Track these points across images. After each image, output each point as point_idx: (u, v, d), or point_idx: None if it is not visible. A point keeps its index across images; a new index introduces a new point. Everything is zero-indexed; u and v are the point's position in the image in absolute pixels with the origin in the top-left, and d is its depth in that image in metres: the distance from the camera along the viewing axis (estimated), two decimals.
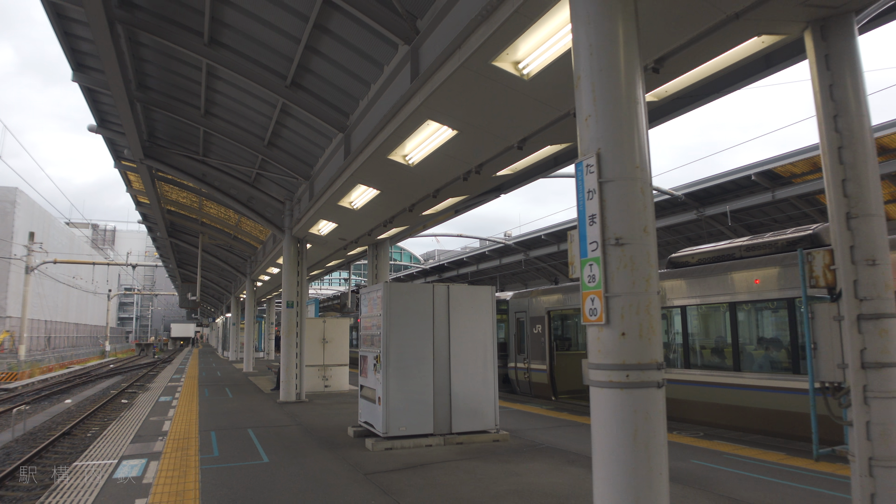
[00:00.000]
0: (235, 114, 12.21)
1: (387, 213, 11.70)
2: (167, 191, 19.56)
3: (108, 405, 23.88)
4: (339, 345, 17.15)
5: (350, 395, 16.24)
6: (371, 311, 10.05)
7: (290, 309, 15.00)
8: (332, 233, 14.06)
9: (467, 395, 9.73)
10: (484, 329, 10.01)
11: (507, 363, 17.75)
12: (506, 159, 8.51)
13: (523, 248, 30.58)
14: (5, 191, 46.14)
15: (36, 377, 37.31)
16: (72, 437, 17.81)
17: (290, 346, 14.94)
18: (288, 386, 14.82)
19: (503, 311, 18.23)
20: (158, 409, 13.73)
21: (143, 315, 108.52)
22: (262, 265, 21.65)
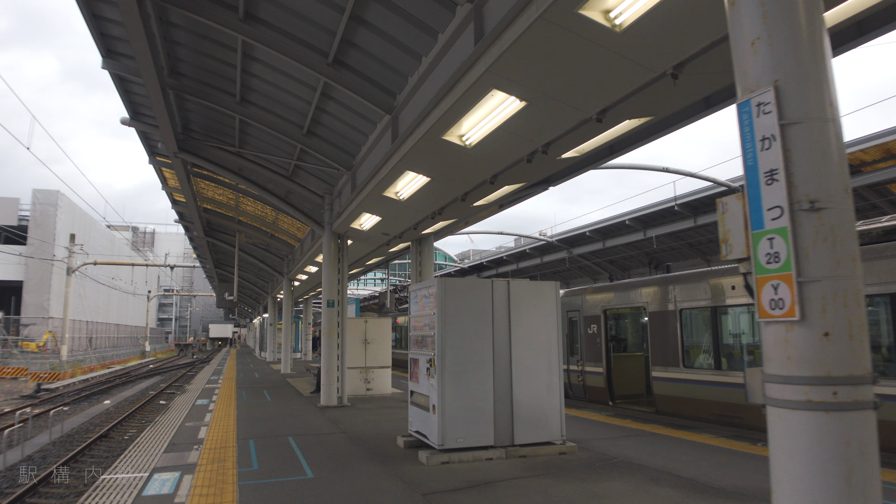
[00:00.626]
0: (272, 100, 11.36)
1: (436, 204, 10.71)
2: (203, 188, 18.91)
3: (147, 406, 23.44)
4: (381, 346, 16.25)
5: (393, 400, 15.31)
6: (422, 310, 9.07)
7: (330, 308, 14.14)
8: (375, 227, 13.13)
9: (531, 403, 8.69)
10: (548, 328, 8.96)
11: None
12: (578, 136, 7.45)
13: (566, 245, 29.37)
14: (47, 194, 46.51)
15: (77, 377, 37.34)
16: (108, 439, 17.29)
17: (331, 347, 14.07)
18: (329, 389, 13.94)
19: None
20: (195, 414, 12.97)
21: (182, 316, 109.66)
22: (300, 264, 20.88)
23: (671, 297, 12.67)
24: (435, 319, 8.41)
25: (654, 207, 23.93)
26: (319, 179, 14.27)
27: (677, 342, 12.47)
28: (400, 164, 9.11)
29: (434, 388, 8.28)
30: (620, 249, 27.94)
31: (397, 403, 14.56)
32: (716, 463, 7.97)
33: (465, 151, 8.16)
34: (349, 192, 12.39)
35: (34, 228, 45.74)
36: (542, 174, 9.25)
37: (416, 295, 9.42)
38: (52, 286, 45.94)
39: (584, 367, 15.19)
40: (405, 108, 8.86)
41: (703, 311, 12.07)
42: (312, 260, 19.30)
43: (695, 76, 5.82)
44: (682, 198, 22.49)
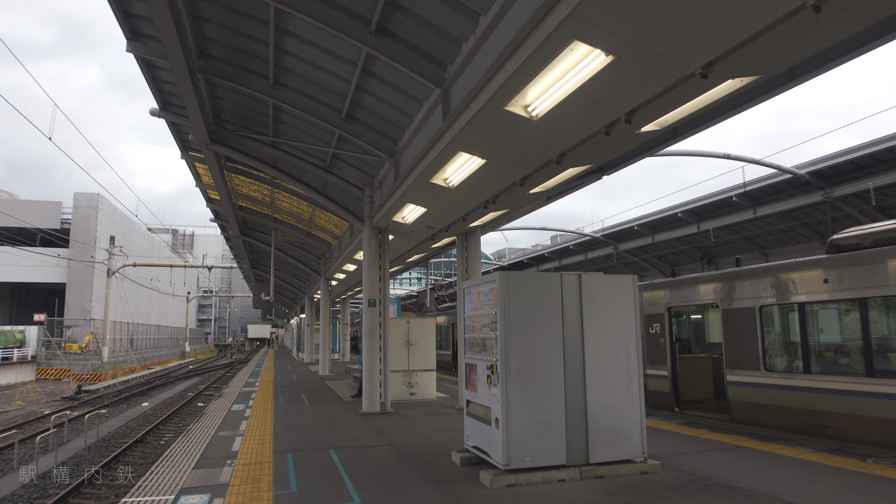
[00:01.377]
0: (308, 81, 10.34)
1: (490, 191, 9.54)
2: (237, 184, 18.08)
3: (184, 409, 22.82)
4: (424, 347, 15.14)
5: (439, 405, 14.19)
6: (479, 309, 7.92)
7: (371, 308, 13.09)
8: (420, 220, 12.03)
9: (607, 415, 7.47)
10: (625, 329, 7.72)
11: None
12: (669, 101, 6.20)
13: (612, 240, 27.94)
14: (88, 197, 46.69)
15: (118, 378, 37.19)
16: (144, 444, 16.63)
17: (373, 349, 13.02)
18: (371, 395, 12.90)
19: None
20: (230, 421, 12.04)
21: (221, 317, 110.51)
22: (338, 262, 19.93)
23: (751, 292, 11.28)
24: (496, 319, 7.25)
25: (709, 198, 22.38)
26: (358, 170, 13.23)
27: (758, 343, 11.08)
28: (452, 145, 7.97)
29: (496, 399, 7.12)
30: (670, 244, 26.40)
31: (444, 410, 13.44)
32: (832, 486, 6.64)
33: (529, 125, 6.98)
34: (391, 181, 11.30)
35: (76, 231, 45.95)
36: (616, 151, 7.97)
37: (471, 292, 8.28)
38: (94, 288, 46.09)
39: (645, 370, 13.84)
40: (458, 80, 7.72)
41: (791, 309, 10.67)
42: (351, 258, 18.31)
43: (839, 12, 4.55)
44: (742, 187, 20.91)
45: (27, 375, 37.47)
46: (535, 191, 10.07)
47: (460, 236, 14.01)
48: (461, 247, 14.03)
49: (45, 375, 38.38)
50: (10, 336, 38.74)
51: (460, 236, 14.01)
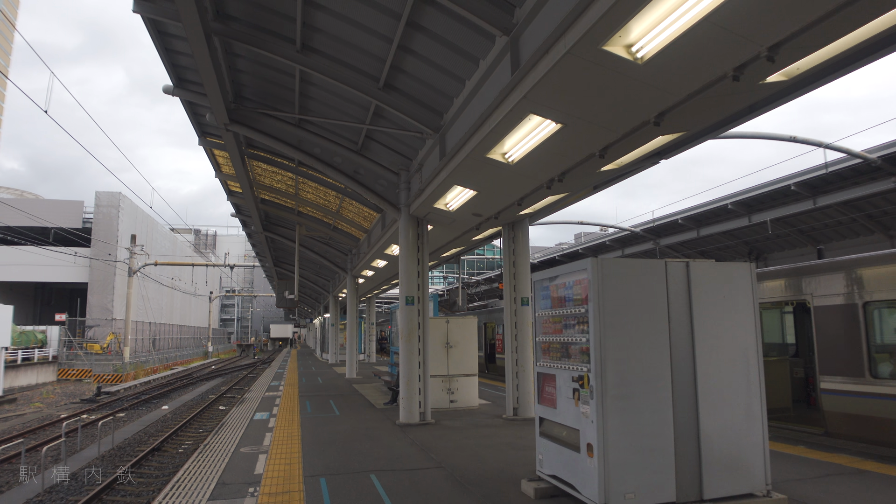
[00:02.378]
0: (342, 42, 8.83)
1: (559, 166, 7.96)
2: (259, 174, 16.67)
3: (205, 412, 21.55)
4: (465, 350, 13.60)
5: (484, 415, 12.63)
6: (559, 306, 6.36)
7: (409, 307, 11.57)
8: (467, 206, 10.48)
9: (724, 438, 5.87)
10: (743, 330, 6.11)
11: None
12: (821, 32, 4.61)
13: (652, 235, 26.17)
14: (109, 196, 45.83)
15: (140, 379, 36.13)
16: (161, 453, 15.32)
17: (411, 353, 11.50)
18: (410, 403, 11.38)
19: None
20: (252, 434, 10.59)
21: (243, 316, 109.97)
22: (366, 258, 18.44)
23: (853, 286, 9.59)
24: (587, 318, 5.69)
25: (763, 188, 20.56)
26: (394, 152, 11.73)
27: (861, 345, 9.39)
28: (521, 106, 6.41)
29: (589, 420, 5.55)
30: (717, 239, 24.58)
31: (490, 420, 11.88)
32: None
33: (631, 71, 5.40)
34: (435, 161, 9.77)
35: (97, 230, 45.09)
36: (738, 105, 6.28)
37: (545, 286, 6.71)
38: (116, 287, 45.20)
39: None
40: (532, 24, 6.17)
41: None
42: (381, 252, 16.81)
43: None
44: (801, 175, 19.10)
45: (48, 376, 36.55)
46: (608, 168, 8.49)
47: (506, 227, 12.46)
48: (507, 238, 12.47)
49: (67, 376, 37.44)
50: (31, 336, 37.87)
51: (506, 227, 12.46)
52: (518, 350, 12.16)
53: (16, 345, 36.28)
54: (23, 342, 36.93)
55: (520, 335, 12.20)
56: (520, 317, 12.23)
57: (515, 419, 11.88)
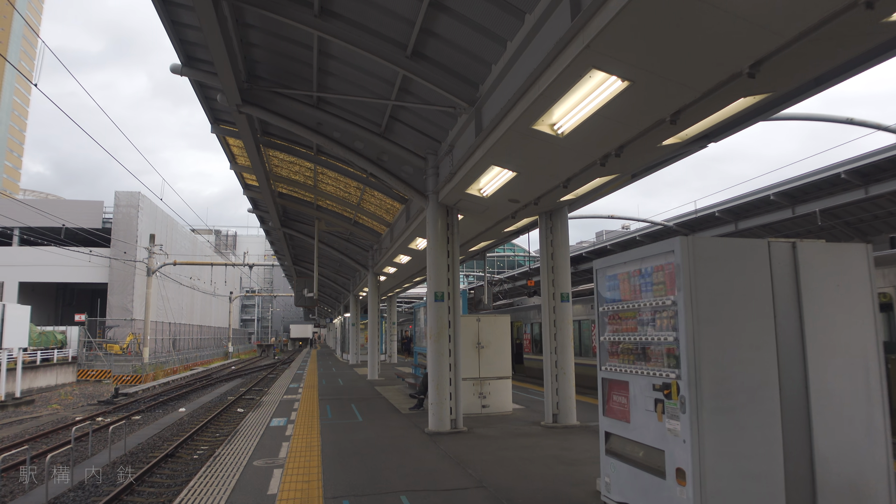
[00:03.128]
0: (365, 2, 7.77)
1: (619, 136, 6.78)
2: (276, 165, 15.70)
3: (223, 415, 20.67)
4: (498, 351, 12.48)
5: (519, 421, 11.50)
6: (632, 298, 5.23)
7: (439, 303, 10.48)
8: (504, 190, 9.34)
9: (843, 459, 4.70)
10: (861, 325, 4.94)
11: None
12: None
13: (686, 229, 24.82)
14: (129, 196, 45.35)
15: (159, 380, 35.46)
16: (175, 460, 14.43)
17: (441, 354, 10.41)
18: (440, 409, 10.28)
19: None
20: (267, 444, 9.56)
21: (263, 317, 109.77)
22: (389, 253, 17.38)
23: None
24: (675, 313, 4.55)
25: (809, 177, 19.19)
26: (421, 134, 10.64)
27: None
28: (581, 59, 5.28)
29: (680, 439, 4.41)
30: (755, 232, 23.17)
31: (528, 428, 10.75)
32: None
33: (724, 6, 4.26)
34: (469, 139, 8.66)
35: (116, 230, 44.62)
36: (857, 47, 5.08)
37: (612, 274, 5.58)
38: (136, 288, 44.70)
39: None
40: None
41: None
42: (405, 247, 15.73)
43: None
44: (853, 162, 17.72)
45: (68, 377, 36.02)
46: (670, 142, 7.32)
47: (543, 216, 11.33)
48: (545, 228, 11.33)
49: (86, 377, 36.90)
50: (50, 337, 37.42)
51: (543, 216, 11.33)
52: (558, 351, 11.02)
53: (35, 345, 35.82)
54: (42, 343, 36.47)
55: (559, 334, 11.06)
56: (559, 314, 11.09)
57: (555, 427, 10.74)
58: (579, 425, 10.85)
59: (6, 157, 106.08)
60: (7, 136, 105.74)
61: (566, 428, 10.63)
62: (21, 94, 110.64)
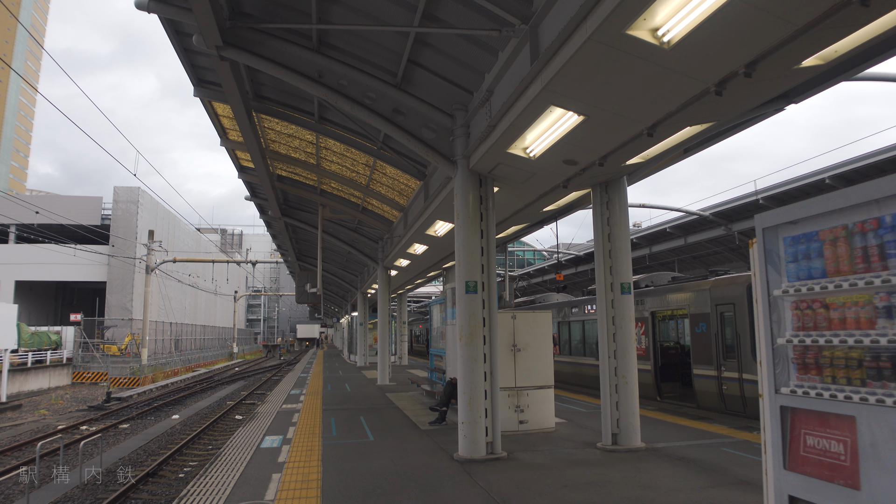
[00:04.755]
0: None
1: (757, 43, 4.50)
2: (272, 139, 13.46)
3: (218, 423, 18.50)
4: (538, 354, 10.19)
5: (568, 441, 9.20)
6: (861, 266, 2.95)
7: (471, 295, 8.20)
8: (561, 145, 7.01)
9: None
10: None
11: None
12: None
13: (723, 220, 22.46)
14: (128, 191, 43.26)
15: (158, 382, 33.26)
16: (156, 480, 12.28)
17: (474, 359, 8.12)
18: (473, 430, 7.99)
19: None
20: (253, 476, 7.30)
21: (270, 316, 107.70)
22: (403, 241, 15.07)
23: None
24: None
25: (875, 157, 16.85)
26: (448, 83, 8.37)
27: None
28: None
29: None
30: None
31: (584, 453, 8.46)
32: None
33: None
34: (519, 73, 6.36)
35: (115, 227, 42.51)
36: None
37: (810, 233, 3.30)
38: (135, 286, 42.57)
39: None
40: None
41: None
42: (422, 234, 13.44)
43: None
44: None
45: (62, 379, 33.92)
46: (809, 63, 5.05)
47: (597, 189, 9.03)
48: (599, 204, 9.04)
49: (82, 379, 34.77)
50: (44, 337, 35.31)
51: (597, 189, 9.03)
52: (618, 354, 8.73)
53: (27, 346, 33.73)
54: (35, 344, 34.36)
55: (619, 334, 8.77)
56: (619, 309, 8.80)
57: (617, 450, 8.45)
58: (645, 448, 8.57)
59: (13, 158, 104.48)
60: (13, 136, 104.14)
61: (631, 452, 8.35)
62: (27, 94, 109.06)
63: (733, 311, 11.92)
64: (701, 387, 12.78)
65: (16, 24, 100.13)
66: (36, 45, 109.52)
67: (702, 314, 12.80)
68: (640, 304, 14.83)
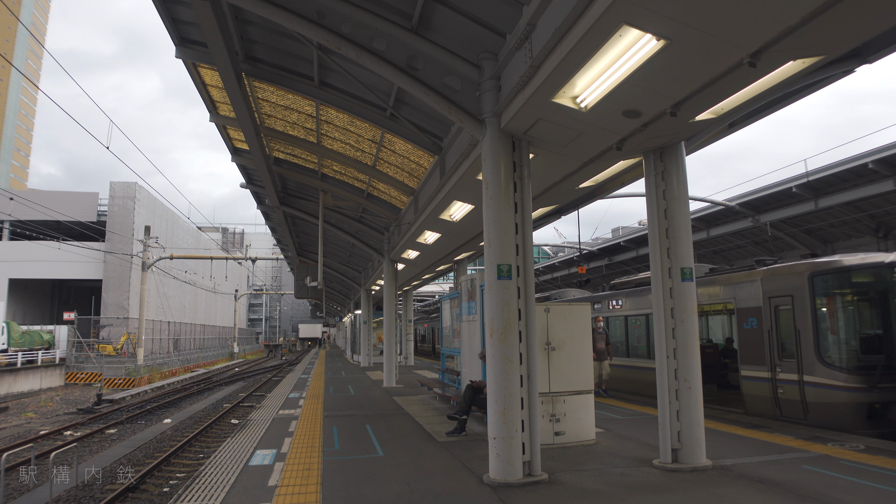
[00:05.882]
0: None
1: None
2: (268, 113, 11.91)
3: (212, 428, 17.04)
4: (574, 353, 8.61)
5: (616, 457, 7.62)
6: None
7: (503, 282, 6.64)
8: (628, 87, 5.35)
9: None
10: None
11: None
12: None
13: (751, 210, 20.88)
14: (124, 187, 41.73)
15: (154, 383, 31.70)
16: (136, 496, 10.86)
17: (508, 360, 6.55)
18: (507, 447, 6.42)
19: None
20: None
21: (271, 316, 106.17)
22: (414, 228, 13.44)
23: None
24: None
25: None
26: (475, 23, 6.80)
27: None
28: None
29: None
30: (838, 212, 19.24)
31: (641, 473, 6.89)
32: None
33: None
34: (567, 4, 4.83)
35: (112, 223, 40.96)
36: None
37: None
38: (132, 284, 41.01)
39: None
40: None
41: None
42: (436, 218, 11.85)
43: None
44: None
45: (54, 380, 32.36)
46: None
47: (650, 158, 7.47)
48: (654, 174, 7.48)
49: (75, 380, 33.22)
50: (35, 336, 33.78)
51: (650, 158, 7.47)
52: (678, 354, 7.18)
53: (17, 346, 32.22)
54: (26, 343, 32.85)
55: (680, 329, 7.21)
56: (679, 299, 7.25)
57: (679, 469, 6.89)
58: (712, 466, 7.01)
59: (13, 157, 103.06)
60: (14, 135, 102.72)
61: (697, 472, 6.79)
62: (28, 93, 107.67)
63: (791, 305, 10.35)
64: (750, 390, 11.22)
65: (16, 23, 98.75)
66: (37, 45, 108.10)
67: (751, 308, 11.23)
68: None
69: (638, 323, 15.17)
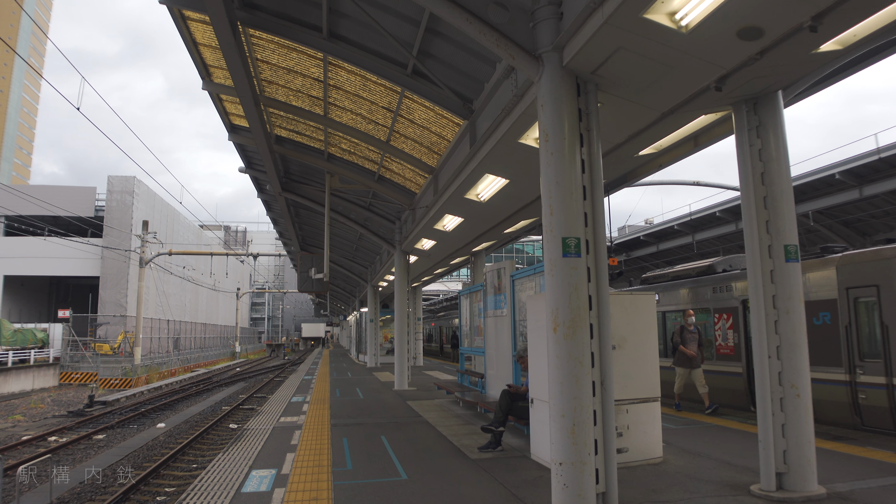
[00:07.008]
0: None
1: None
2: (267, 77, 10.36)
3: (209, 434, 15.53)
4: (638, 353, 7.03)
5: (698, 481, 6.05)
6: None
7: (569, 259, 5.10)
8: None
9: None
10: None
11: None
12: None
13: None
14: (123, 181, 40.22)
15: (152, 383, 30.17)
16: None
17: (578, 360, 5.00)
18: (578, 477, 4.86)
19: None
20: None
21: (274, 315, 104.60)
22: (432, 213, 11.79)
23: None
24: None
25: None
26: None
27: None
28: None
29: None
30: (883, 200, 17.69)
31: (730, 499, 5.35)
32: None
33: None
34: None
35: (109, 219, 39.44)
36: None
37: None
38: (130, 282, 39.49)
39: None
40: None
41: None
42: (460, 198, 10.25)
43: None
44: None
45: (48, 380, 30.84)
46: None
47: (741, 110, 5.92)
48: (746, 129, 5.92)
49: (70, 380, 31.69)
50: (28, 335, 32.24)
51: (741, 110, 5.92)
52: (783, 353, 5.63)
53: (9, 345, 30.70)
54: (18, 342, 31.31)
55: (784, 322, 5.66)
56: (782, 284, 5.70)
57: (790, 499, 5.34)
58: (827, 495, 5.47)
59: (16, 155, 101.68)
60: (16, 133, 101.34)
61: (812, 503, 5.25)
62: (30, 91, 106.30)
63: (877, 297, 8.79)
64: (820, 395, 9.65)
65: (18, 21, 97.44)
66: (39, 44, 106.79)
67: (824, 301, 9.67)
68: (727, 291, 11.81)
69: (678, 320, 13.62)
